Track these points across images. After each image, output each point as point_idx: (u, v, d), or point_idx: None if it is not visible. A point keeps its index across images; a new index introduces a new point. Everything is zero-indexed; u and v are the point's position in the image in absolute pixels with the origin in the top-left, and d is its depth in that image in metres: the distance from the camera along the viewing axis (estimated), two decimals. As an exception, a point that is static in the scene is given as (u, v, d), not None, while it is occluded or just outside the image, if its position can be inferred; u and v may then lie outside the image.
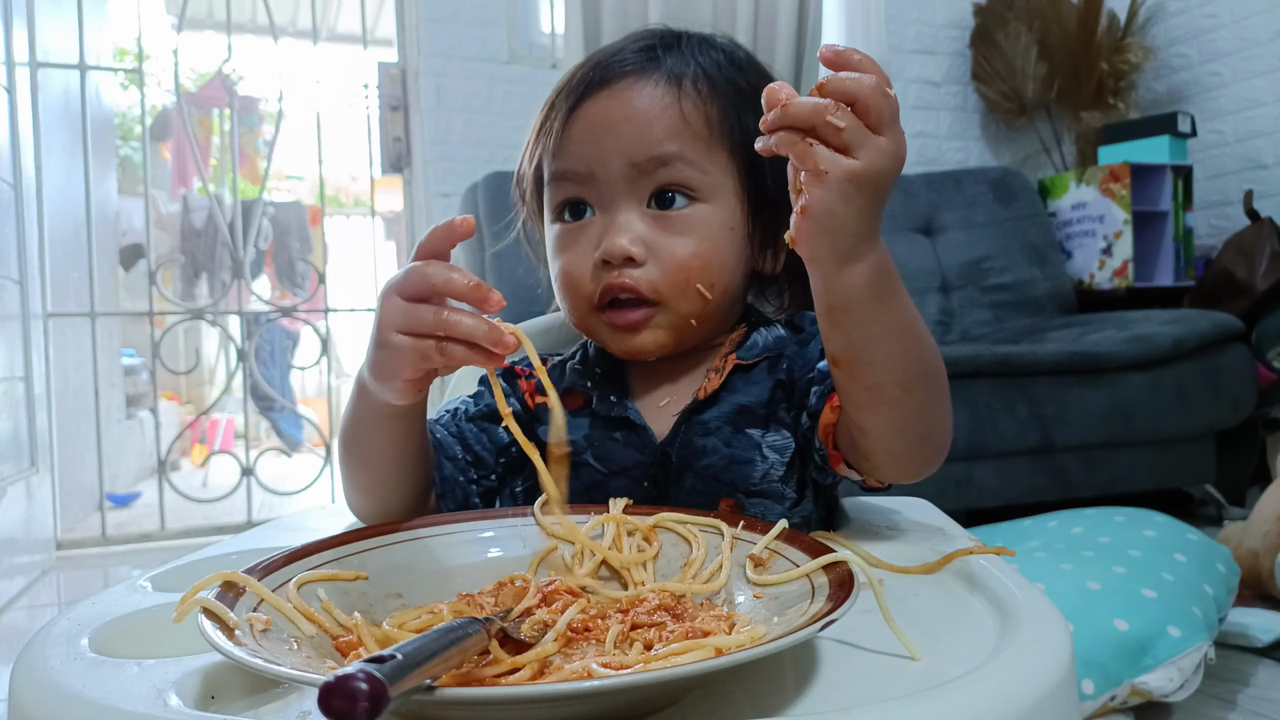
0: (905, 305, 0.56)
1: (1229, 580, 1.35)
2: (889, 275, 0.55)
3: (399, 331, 0.53)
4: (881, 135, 0.49)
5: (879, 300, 0.54)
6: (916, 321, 0.58)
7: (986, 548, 0.55)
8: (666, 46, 0.73)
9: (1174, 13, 2.93)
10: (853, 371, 0.57)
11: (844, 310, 0.55)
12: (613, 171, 0.68)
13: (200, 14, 3.91)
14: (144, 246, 2.77)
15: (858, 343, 0.56)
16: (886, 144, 0.49)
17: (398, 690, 0.28)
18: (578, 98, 0.70)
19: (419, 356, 0.52)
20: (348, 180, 6.65)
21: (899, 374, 0.56)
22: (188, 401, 5.22)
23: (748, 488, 0.67)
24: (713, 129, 0.69)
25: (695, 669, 0.34)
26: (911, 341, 0.57)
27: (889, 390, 0.57)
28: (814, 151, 0.49)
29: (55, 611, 1.19)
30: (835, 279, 0.53)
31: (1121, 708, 1.11)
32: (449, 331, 0.51)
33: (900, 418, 0.58)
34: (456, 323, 0.51)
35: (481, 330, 0.51)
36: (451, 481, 0.69)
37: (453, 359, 0.52)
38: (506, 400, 0.74)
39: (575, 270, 0.70)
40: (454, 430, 0.72)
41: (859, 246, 0.52)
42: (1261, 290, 2.28)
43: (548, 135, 0.72)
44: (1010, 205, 2.70)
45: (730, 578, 0.52)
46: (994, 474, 1.91)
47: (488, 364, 0.52)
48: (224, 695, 0.41)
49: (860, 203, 0.50)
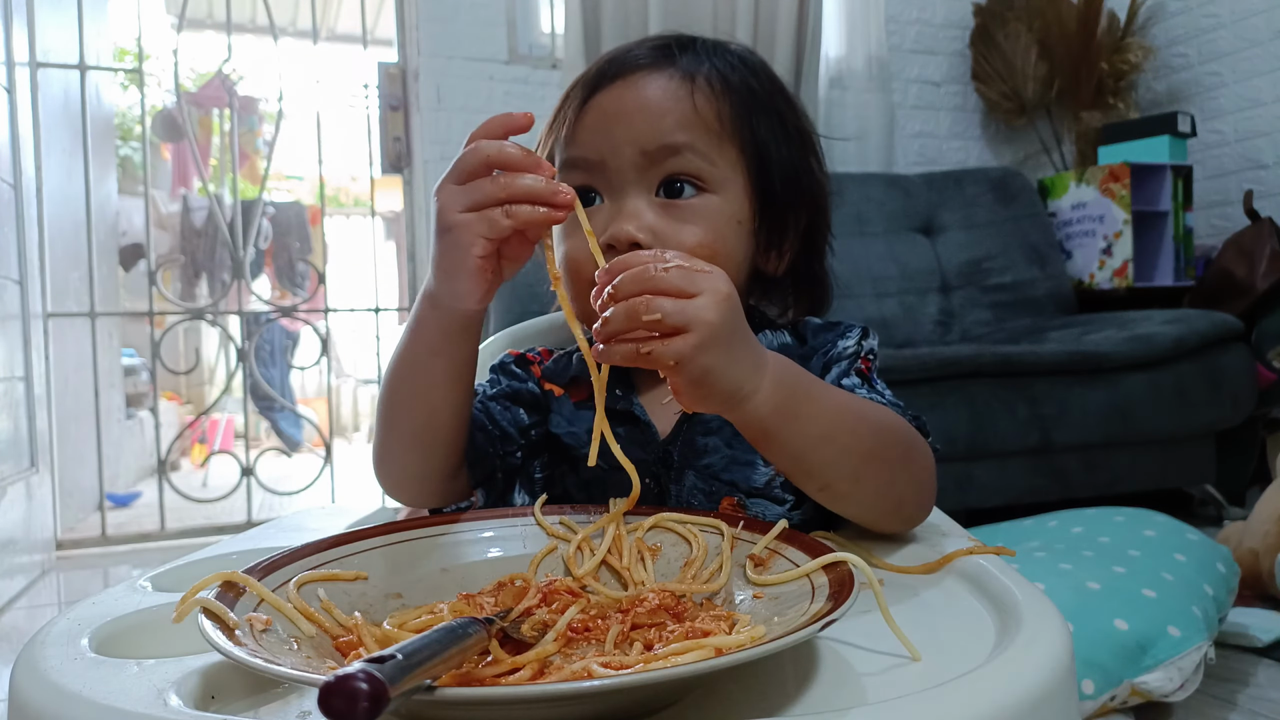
0: (823, 408, 0.56)
1: (1229, 580, 1.34)
2: (793, 389, 0.54)
3: (461, 210, 0.53)
4: (695, 297, 0.48)
5: (793, 418, 0.54)
6: (844, 414, 0.57)
7: (986, 548, 0.56)
8: (682, 46, 0.73)
9: (1174, 13, 2.93)
10: (799, 479, 0.59)
11: (763, 439, 0.55)
12: (623, 159, 0.68)
13: (200, 14, 3.92)
14: (144, 246, 2.77)
15: (791, 458, 0.57)
16: (705, 300, 0.48)
17: (398, 690, 0.28)
18: (592, 88, 0.71)
19: (487, 225, 0.52)
20: (348, 180, 6.66)
21: (844, 470, 0.57)
22: (188, 401, 5.22)
23: (749, 488, 0.68)
24: (724, 124, 0.70)
25: (695, 669, 0.34)
26: (844, 437, 0.57)
27: (840, 486, 0.58)
28: (654, 353, 0.48)
29: (55, 611, 1.19)
30: (743, 418, 0.54)
31: (1121, 708, 1.11)
32: (511, 194, 0.52)
33: (863, 501, 0.60)
34: (517, 183, 0.52)
35: (541, 185, 0.51)
36: (483, 452, 0.69)
37: (520, 219, 0.52)
38: (526, 384, 0.74)
39: (581, 255, 0.70)
40: (479, 407, 0.72)
41: (746, 385, 0.52)
42: (1261, 290, 2.28)
43: (561, 124, 0.72)
44: (1010, 205, 2.70)
45: (730, 578, 0.52)
46: (994, 474, 1.91)
47: (552, 219, 0.52)
48: (224, 695, 0.41)
49: (725, 352, 0.50)
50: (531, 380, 0.76)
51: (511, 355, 0.78)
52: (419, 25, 2.55)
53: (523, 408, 0.73)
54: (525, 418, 0.73)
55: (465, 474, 0.69)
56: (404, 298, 2.78)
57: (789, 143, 0.74)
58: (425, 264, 2.59)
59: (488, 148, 0.53)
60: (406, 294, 2.71)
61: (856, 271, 2.45)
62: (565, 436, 0.72)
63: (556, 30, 2.70)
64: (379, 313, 2.81)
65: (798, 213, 0.74)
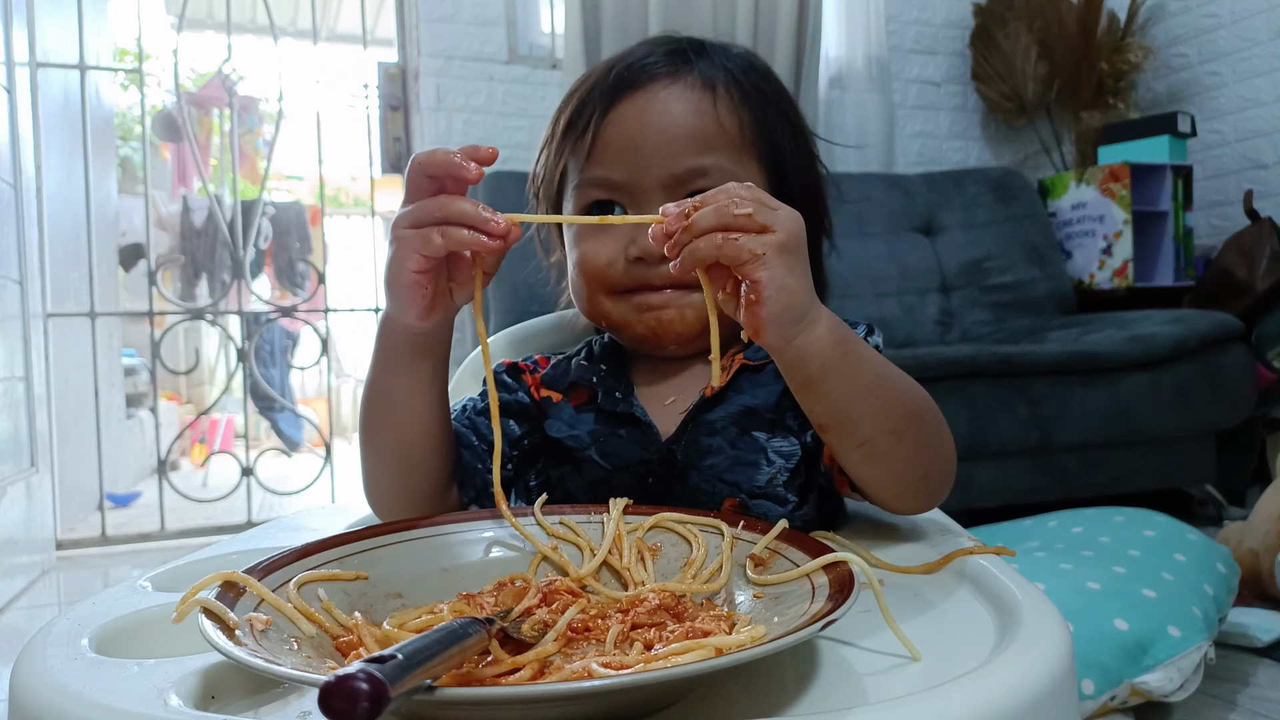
0: (872, 355, 0.57)
1: (1229, 580, 1.34)
2: (846, 330, 0.56)
3: (404, 226, 0.55)
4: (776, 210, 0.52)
5: (848, 356, 0.55)
6: (890, 368, 0.58)
7: (986, 548, 0.56)
8: (696, 51, 0.73)
9: (1174, 13, 2.93)
10: (841, 433, 0.58)
11: (820, 377, 0.55)
12: (650, 180, 0.69)
13: (200, 14, 3.91)
14: (144, 246, 2.77)
15: (840, 405, 0.56)
16: (786, 211, 0.52)
17: (398, 690, 0.28)
18: (610, 100, 0.70)
19: (421, 242, 0.54)
20: (348, 180, 6.65)
21: (886, 424, 0.57)
22: (188, 401, 5.22)
23: (751, 489, 0.68)
24: (745, 135, 0.70)
25: (695, 669, 0.34)
26: (890, 388, 0.58)
27: (880, 442, 0.57)
28: (738, 243, 0.50)
29: (55, 611, 1.19)
30: (803, 350, 0.54)
31: (1121, 708, 1.11)
32: (445, 215, 0.54)
33: (896, 466, 0.59)
34: (452, 206, 0.54)
35: (475, 210, 0.53)
36: (470, 469, 0.69)
37: (452, 239, 0.54)
38: (515, 395, 0.75)
39: (598, 258, 0.70)
40: (466, 422, 0.73)
41: (811, 311, 0.53)
42: (1261, 290, 2.28)
43: (578, 137, 0.72)
44: (1010, 205, 2.70)
45: (730, 577, 0.52)
46: (994, 474, 1.91)
47: (484, 246, 0.54)
48: (224, 695, 0.41)
49: (799, 268, 0.52)
50: (523, 390, 0.76)
51: (504, 364, 0.78)
52: (419, 25, 2.55)
53: (512, 419, 0.74)
54: (515, 428, 0.73)
55: (455, 492, 0.69)
56: (404, 298, 2.78)
57: (799, 145, 0.75)
58: (425, 264, 2.59)
59: (431, 166, 0.55)
60: (406, 294, 2.71)
61: (856, 271, 2.45)
62: (567, 440, 0.72)
63: (556, 30, 2.70)
64: (379, 313, 2.80)
65: (806, 212, 0.75)
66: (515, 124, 2.58)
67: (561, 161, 0.74)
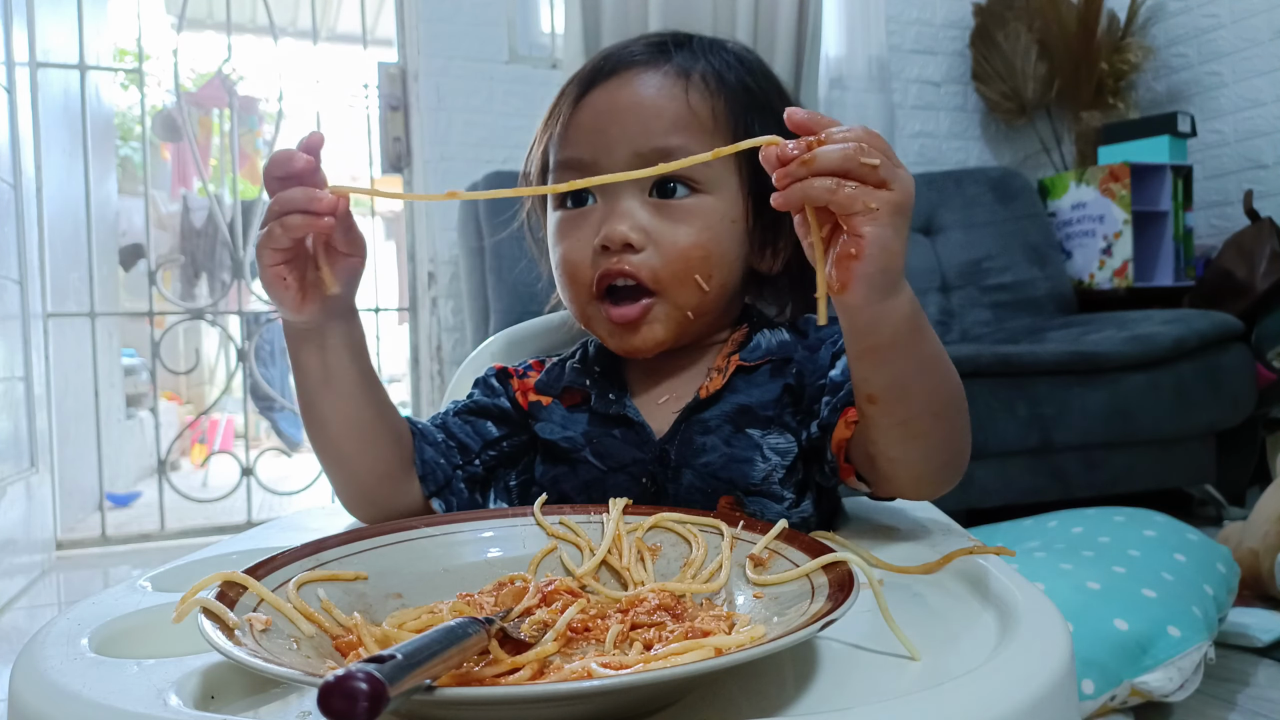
0: (934, 335, 0.57)
1: (1229, 580, 1.34)
2: (919, 306, 0.55)
3: (261, 226, 0.59)
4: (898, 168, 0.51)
5: (917, 332, 0.55)
6: (943, 350, 0.58)
7: (986, 548, 0.56)
8: (678, 44, 0.73)
9: (1174, 13, 2.93)
10: (890, 408, 0.57)
11: (889, 347, 0.54)
12: (616, 161, 0.68)
13: (200, 14, 3.91)
14: (144, 246, 2.77)
15: (899, 378, 0.56)
16: (906, 173, 0.51)
17: (398, 690, 0.28)
18: (586, 86, 0.71)
19: (268, 237, 0.58)
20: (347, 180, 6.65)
21: (933, 405, 0.57)
22: (188, 401, 5.21)
23: (746, 486, 0.68)
24: (719, 123, 0.70)
25: (695, 669, 0.34)
26: (943, 369, 0.58)
27: (923, 421, 0.57)
28: (854, 193, 0.48)
29: (55, 611, 1.19)
30: (881, 316, 0.53)
31: (1121, 708, 1.11)
32: (281, 206, 0.57)
33: (931, 446, 0.59)
34: (283, 197, 0.57)
35: (300, 194, 0.56)
36: (432, 465, 0.71)
37: (290, 227, 0.56)
38: (497, 399, 0.76)
39: (575, 257, 0.70)
40: (438, 422, 0.75)
41: (900, 279, 0.53)
42: (1261, 290, 2.28)
43: (554, 123, 0.72)
44: (1010, 205, 2.70)
45: (730, 578, 0.52)
46: (994, 474, 1.91)
47: (317, 226, 0.56)
48: (224, 695, 0.41)
49: (905, 232, 0.51)
50: (507, 395, 0.77)
51: (495, 368, 0.79)
52: (419, 25, 2.55)
53: (491, 421, 0.75)
54: (494, 430, 0.75)
55: (416, 486, 0.70)
56: (403, 298, 2.78)
57: None
58: (425, 264, 2.59)
59: (274, 168, 0.57)
60: (406, 294, 2.71)
61: (856, 271, 2.44)
62: (561, 441, 0.72)
63: (556, 30, 2.70)
64: (379, 313, 2.81)
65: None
66: (515, 124, 2.58)
67: (542, 149, 0.74)
